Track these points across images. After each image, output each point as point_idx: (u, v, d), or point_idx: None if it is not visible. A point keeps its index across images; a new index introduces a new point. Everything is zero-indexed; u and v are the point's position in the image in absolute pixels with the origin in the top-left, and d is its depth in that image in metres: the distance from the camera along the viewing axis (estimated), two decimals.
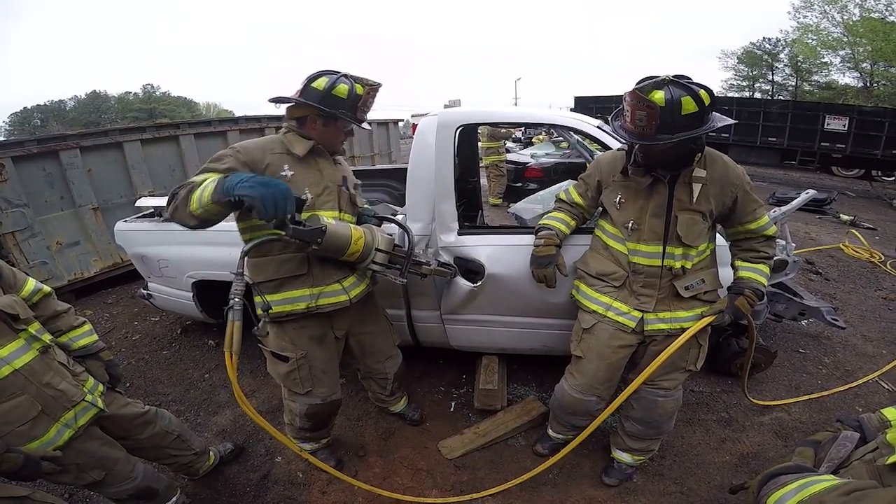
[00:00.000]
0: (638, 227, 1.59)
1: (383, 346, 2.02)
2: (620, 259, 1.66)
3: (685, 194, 1.52)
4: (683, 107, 1.31)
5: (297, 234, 1.42)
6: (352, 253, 1.56)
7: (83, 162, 3.96)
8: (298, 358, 1.70)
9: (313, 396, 1.78)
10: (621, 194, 1.63)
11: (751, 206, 1.57)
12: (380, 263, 1.66)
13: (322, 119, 1.59)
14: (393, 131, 8.22)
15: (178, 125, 4.91)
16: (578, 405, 1.80)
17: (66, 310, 1.53)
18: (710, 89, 1.35)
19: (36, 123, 47.73)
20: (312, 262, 1.60)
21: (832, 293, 3.82)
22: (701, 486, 1.94)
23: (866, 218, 6.47)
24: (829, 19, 18.55)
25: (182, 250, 2.59)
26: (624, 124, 1.46)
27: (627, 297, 1.65)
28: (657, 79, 1.34)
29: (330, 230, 1.47)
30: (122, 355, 3.13)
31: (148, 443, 1.66)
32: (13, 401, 1.25)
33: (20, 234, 3.60)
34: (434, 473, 2.04)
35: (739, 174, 1.54)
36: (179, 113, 47.44)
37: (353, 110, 1.57)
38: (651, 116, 1.33)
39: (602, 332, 1.69)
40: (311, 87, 1.54)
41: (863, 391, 2.54)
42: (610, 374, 1.73)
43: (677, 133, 1.34)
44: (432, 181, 2.08)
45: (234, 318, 1.29)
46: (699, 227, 1.54)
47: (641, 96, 1.33)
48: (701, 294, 1.62)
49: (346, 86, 1.53)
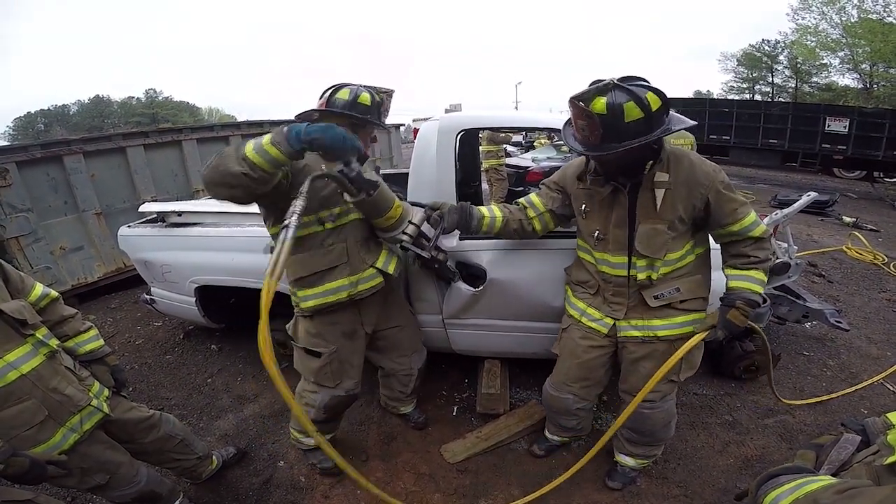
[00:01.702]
0: (604, 238, 1.56)
1: (410, 341, 2.09)
2: (590, 268, 1.67)
3: (648, 201, 1.45)
4: (626, 113, 1.24)
5: (359, 179, 1.45)
6: (390, 217, 1.66)
7: (87, 167, 3.99)
8: (330, 353, 1.78)
9: (339, 389, 1.86)
10: (585, 203, 1.60)
11: (728, 207, 1.44)
12: (409, 235, 1.71)
13: (351, 127, 1.64)
14: (394, 136, 8.24)
15: (181, 129, 4.94)
16: (556, 402, 1.83)
17: (72, 315, 1.55)
18: (660, 91, 1.28)
19: (40, 128, 48.01)
20: (350, 250, 1.69)
21: (835, 295, 3.81)
22: (705, 490, 1.93)
23: (869, 220, 6.46)
24: (827, 21, 18.62)
25: (185, 256, 2.61)
26: (574, 133, 1.41)
27: (601, 304, 1.66)
28: (601, 83, 1.27)
29: (382, 187, 1.57)
30: (125, 360, 3.14)
31: (152, 447, 1.67)
32: (20, 405, 1.26)
33: (24, 238, 3.62)
34: (437, 477, 2.04)
35: (709, 173, 1.42)
36: (182, 117, 47.67)
37: (378, 115, 1.72)
38: (592, 126, 1.28)
39: (574, 332, 1.74)
40: (335, 99, 1.64)
41: (868, 393, 2.53)
42: (583, 373, 1.73)
43: (624, 141, 1.27)
44: (434, 186, 2.09)
45: (287, 237, 1.18)
46: (662, 238, 1.46)
47: (580, 106, 1.26)
48: (676, 303, 1.55)
49: (367, 94, 1.66)
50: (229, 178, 1.31)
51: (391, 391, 2.22)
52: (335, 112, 1.62)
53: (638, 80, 1.30)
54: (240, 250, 2.43)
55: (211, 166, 1.35)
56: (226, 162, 1.32)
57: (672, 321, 1.57)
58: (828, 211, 6.62)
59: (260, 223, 2.50)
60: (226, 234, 2.52)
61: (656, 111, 1.27)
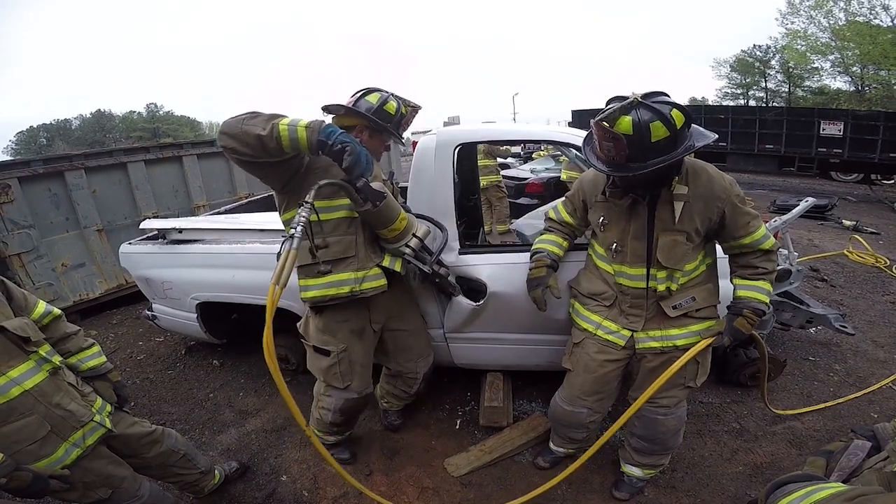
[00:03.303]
0: (622, 250, 1.56)
1: (417, 345, 2.08)
2: (608, 279, 1.66)
3: (667, 213, 1.45)
4: (653, 133, 1.23)
5: (366, 189, 1.50)
6: (394, 228, 1.66)
7: (88, 183, 4.02)
8: (339, 352, 1.78)
9: (350, 391, 1.86)
10: (604, 215, 1.60)
11: (742, 220, 1.47)
12: (413, 248, 1.73)
13: (370, 130, 1.71)
14: (394, 149, 8.30)
15: (182, 145, 5.00)
16: (569, 417, 1.80)
17: (75, 332, 1.55)
18: (683, 107, 1.27)
19: (42, 142, 48.36)
20: (359, 245, 1.69)
21: (839, 300, 3.80)
22: (714, 498, 1.91)
23: (869, 222, 6.46)
24: (815, 24, 18.83)
25: (186, 273, 2.61)
26: (595, 151, 1.40)
27: (617, 315, 1.65)
28: (624, 102, 1.26)
29: (388, 198, 1.59)
30: (127, 375, 3.12)
31: (154, 461, 1.66)
32: (23, 420, 1.27)
33: (26, 255, 3.63)
34: (440, 491, 2.01)
35: (726, 187, 1.45)
36: (183, 132, 48.05)
37: (397, 126, 1.74)
38: (619, 147, 1.26)
39: (590, 346, 1.71)
40: (364, 100, 1.68)
41: (877, 397, 2.51)
42: (598, 386, 1.72)
43: (649, 160, 1.27)
44: (432, 200, 2.09)
45: (292, 247, 1.21)
46: (682, 249, 1.48)
47: (605, 127, 1.25)
48: (693, 312, 1.57)
49: (394, 104, 1.71)
50: (245, 136, 1.36)
51: (394, 388, 2.21)
52: (359, 112, 1.66)
53: (660, 96, 1.29)
54: (241, 267, 2.44)
55: (240, 118, 1.39)
56: (255, 122, 1.37)
57: (689, 329, 1.58)
58: (827, 215, 6.62)
59: (260, 240, 2.52)
60: (226, 251, 2.52)
61: (681, 128, 1.27)
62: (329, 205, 1.62)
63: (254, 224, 2.72)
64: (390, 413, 2.37)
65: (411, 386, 2.14)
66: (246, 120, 1.38)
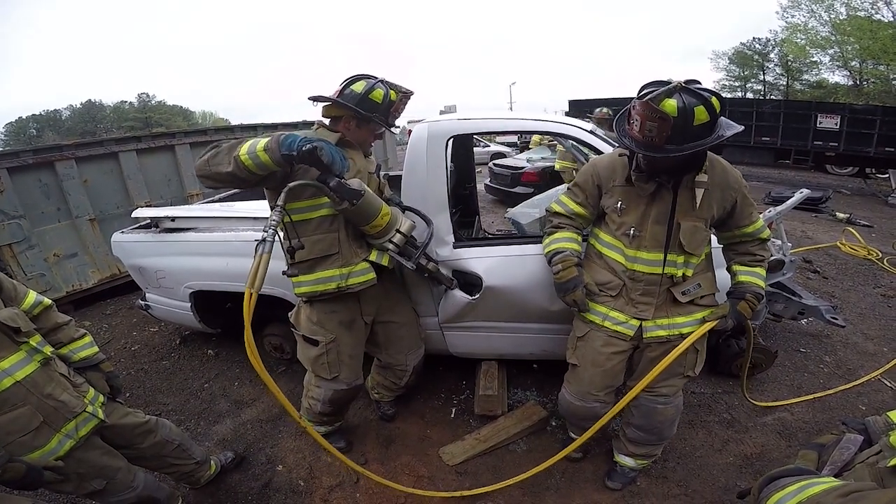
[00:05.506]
0: (640, 234, 1.56)
1: (408, 338, 2.09)
2: (616, 268, 1.64)
3: (688, 200, 1.49)
4: (696, 117, 1.26)
5: (341, 188, 1.50)
6: (376, 225, 1.64)
7: (79, 172, 3.96)
8: (328, 342, 1.79)
9: (339, 382, 1.87)
10: (622, 200, 1.58)
11: (748, 210, 1.56)
12: (396, 244, 1.72)
13: (356, 120, 1.68)
14: (389, 138, 8.23)
15: (174, 134, 4.91)
16: (583, 412, 1.79)
17: (66, 322, 1.54)
18: (720, 95, 1.30)
19: (31, 133, 47.54)
20: (342, 241, 1.68)
21: (831, 291, 3.84)
22: (705, 488, 1.94)
23: (862, 215, 6.50)
24: (816, 18, 18.77)
25: (179, 261, 2.59)
26: (631, 132, 1.39)
27: (624, 305, 1.64)
28: (667, 86, 1.27)
29: (367, 195, 1.57)
30: (121, 365, 3.11)
31: (149, 452, 1.66)
32: (15, 412, 1.26)
33: (17, 246, 3.59)
34: (436, 480, 2.03)
35: (738, 178, 1.53)
36: (175, 122, 47.32)
37: (385, 114, 1.69)
38: (662, 128, 1.27)
39: (595, 339, 1.69)
40: (349, 90, 1.64)
41: (865, 389, 2.55)
42: (607, 380, 1.72)
43: (687, 143, 1.29)
44: (426, 191, 2.06)
45: (264, 251, 1.27)
46: (702, 235, 1.53)
47: (653, 107, 1.25)
48: (698, 299, 1.61)
49: (381, 91, 1.64)
50: (217, 175, 1.44)
51: (384, 379, 2.23)
52: (343, 103, 1.63)
53: (696, 83, 1.31)
54: (234, 255, 2.42)
55: (204, 159, 1.44)
56: (218, 160, 1.42)
57: (694, 317, 1.61)
58: (821, 207, 6.66)
59: (254, 228, 2.49)
60: (220, 239, 2.50)
61: (718, 115, 1.31)
62: (311, 204, 1.62)
63: (248, 212, 2.69)
64: (382, 404, 2.38)
65: (401, 378, 2.15)
66: (209, 161, 1.44)
